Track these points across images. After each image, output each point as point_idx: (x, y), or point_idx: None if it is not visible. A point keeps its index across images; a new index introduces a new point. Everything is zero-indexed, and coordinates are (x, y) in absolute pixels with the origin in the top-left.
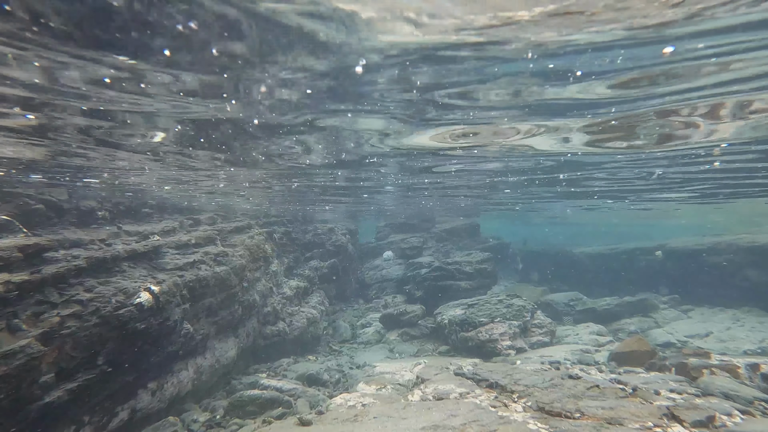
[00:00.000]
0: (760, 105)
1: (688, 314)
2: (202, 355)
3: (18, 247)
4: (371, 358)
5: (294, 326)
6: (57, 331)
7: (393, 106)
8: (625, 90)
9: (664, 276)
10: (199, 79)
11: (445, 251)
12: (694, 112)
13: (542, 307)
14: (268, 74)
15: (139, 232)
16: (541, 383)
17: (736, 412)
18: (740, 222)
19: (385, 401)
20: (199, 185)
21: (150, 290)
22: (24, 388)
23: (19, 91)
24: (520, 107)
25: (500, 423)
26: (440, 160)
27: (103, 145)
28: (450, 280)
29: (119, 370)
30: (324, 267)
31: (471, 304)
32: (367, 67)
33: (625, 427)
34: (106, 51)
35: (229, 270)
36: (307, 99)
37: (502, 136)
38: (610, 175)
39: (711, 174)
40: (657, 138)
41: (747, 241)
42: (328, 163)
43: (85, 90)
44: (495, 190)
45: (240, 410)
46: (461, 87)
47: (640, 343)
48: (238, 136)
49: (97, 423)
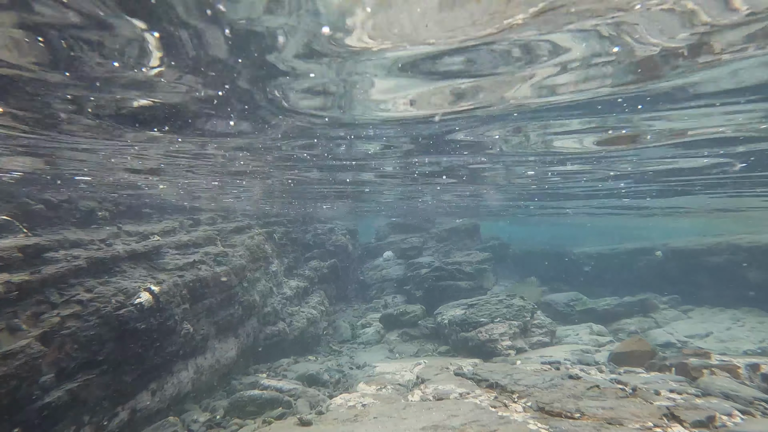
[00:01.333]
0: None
1: (688, 314)
2: (202, 355)
3: (18, 247)
4: (371, 359)
5: (294, 326)
6: (57, 331)
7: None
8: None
9: (664, 276)
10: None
11: (445, 251)
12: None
13: (542, 307)
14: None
15: (139, 232)
16: (541, 383)
17: (736, 412)
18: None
19: (385, 401)
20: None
21: (150, 290)
22: (24, 388)
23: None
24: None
25: (500, 423)
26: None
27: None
28: (450, 280)
29: (119, 370)
30: (324, 267)
31: (471, 304)
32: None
33: (625, 427)
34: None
35: (229, 270)
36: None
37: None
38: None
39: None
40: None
41: (747, 241)
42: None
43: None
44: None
45: (240, 410)
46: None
47: (640, 344)
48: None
49: (97, 423)
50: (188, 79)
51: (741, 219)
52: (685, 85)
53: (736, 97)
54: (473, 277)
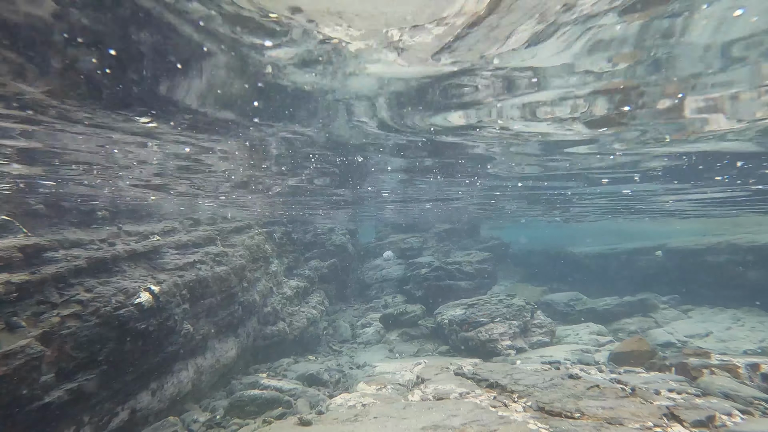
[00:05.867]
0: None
1: (688, 314)
2: (202, 355)
3: (18, 247)
4: (371, 358)
5: (294, 326)
6: (57, 331)
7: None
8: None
9: (664, 276)
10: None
11: (445, 251)
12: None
13: (542, 307)
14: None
15: (139, 232)
16: (541, 383)
17: (736, 412)
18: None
19: (385, 401)
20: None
21: (150, 290)
22: (24, 388)
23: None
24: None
25: (500, 423)
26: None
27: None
28: (450, 279)
29: (119, 370)
30: (324, 267)
31: (471, 304)
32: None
33: (625, 427)
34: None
35: (229, 270)
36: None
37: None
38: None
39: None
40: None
41: (747, 241)
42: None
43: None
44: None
45: (240, 410)
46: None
47: (640, 343)
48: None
49: (97, 423)
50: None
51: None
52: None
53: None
54: (473, 277)
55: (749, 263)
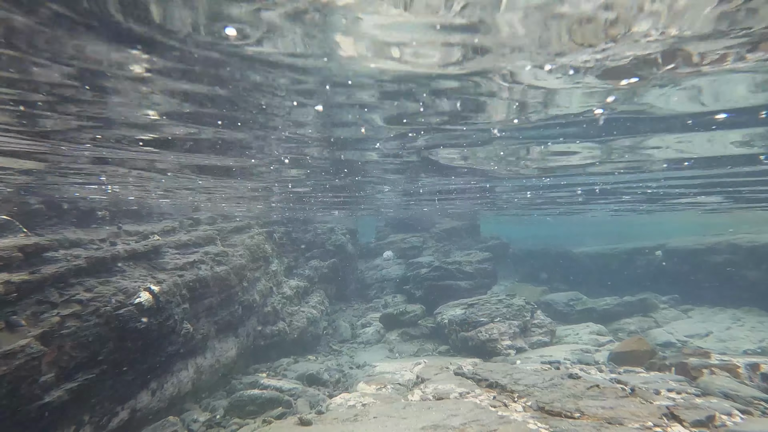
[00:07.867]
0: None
1: (688, 314)
2: (202, 355)
3: (18, 247)
4: (371, 358)
5: (294, 326)
6: (57, 331)
7: None
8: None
9: (664, 276)
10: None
11: (445, 251)
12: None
13: (542, 307)
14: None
15: (139, 231)
16: (541, 383)
17: (736, 412)
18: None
19: (385, 401)
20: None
21: (150, 290)
22: (24, 387)
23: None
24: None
25: (500, 423)
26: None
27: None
28: (450, 279)
29: (119, 370)
30: (324, 267)
31: (471, 304)
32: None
33: (625, 426)
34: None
35: (229, 270)
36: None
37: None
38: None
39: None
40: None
41: (747, 241)
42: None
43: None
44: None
45: (240, 410)
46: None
47: (640, 343)
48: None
49: (97, 423)
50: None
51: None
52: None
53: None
54: (473, 277)
55: (750, 263)
